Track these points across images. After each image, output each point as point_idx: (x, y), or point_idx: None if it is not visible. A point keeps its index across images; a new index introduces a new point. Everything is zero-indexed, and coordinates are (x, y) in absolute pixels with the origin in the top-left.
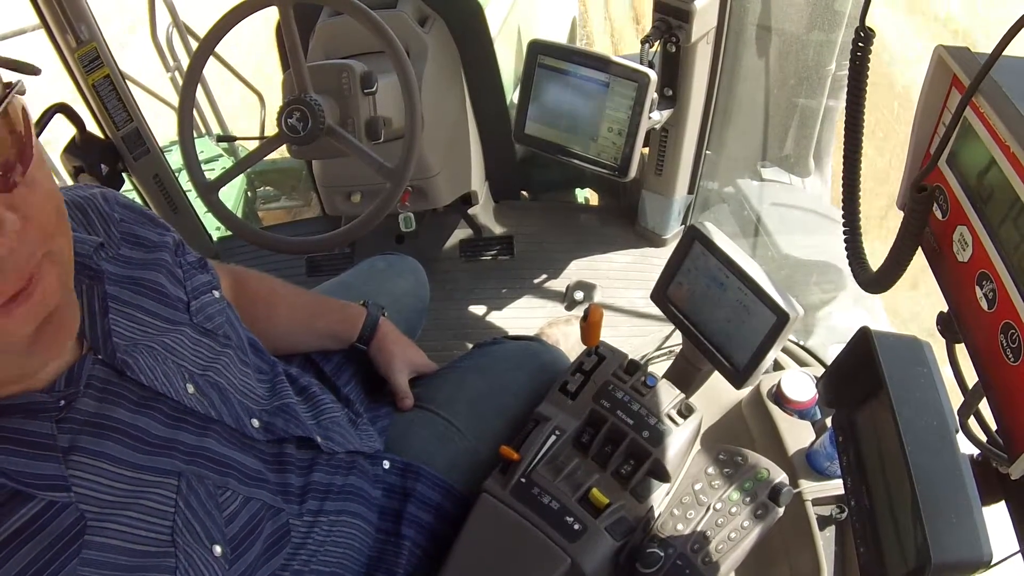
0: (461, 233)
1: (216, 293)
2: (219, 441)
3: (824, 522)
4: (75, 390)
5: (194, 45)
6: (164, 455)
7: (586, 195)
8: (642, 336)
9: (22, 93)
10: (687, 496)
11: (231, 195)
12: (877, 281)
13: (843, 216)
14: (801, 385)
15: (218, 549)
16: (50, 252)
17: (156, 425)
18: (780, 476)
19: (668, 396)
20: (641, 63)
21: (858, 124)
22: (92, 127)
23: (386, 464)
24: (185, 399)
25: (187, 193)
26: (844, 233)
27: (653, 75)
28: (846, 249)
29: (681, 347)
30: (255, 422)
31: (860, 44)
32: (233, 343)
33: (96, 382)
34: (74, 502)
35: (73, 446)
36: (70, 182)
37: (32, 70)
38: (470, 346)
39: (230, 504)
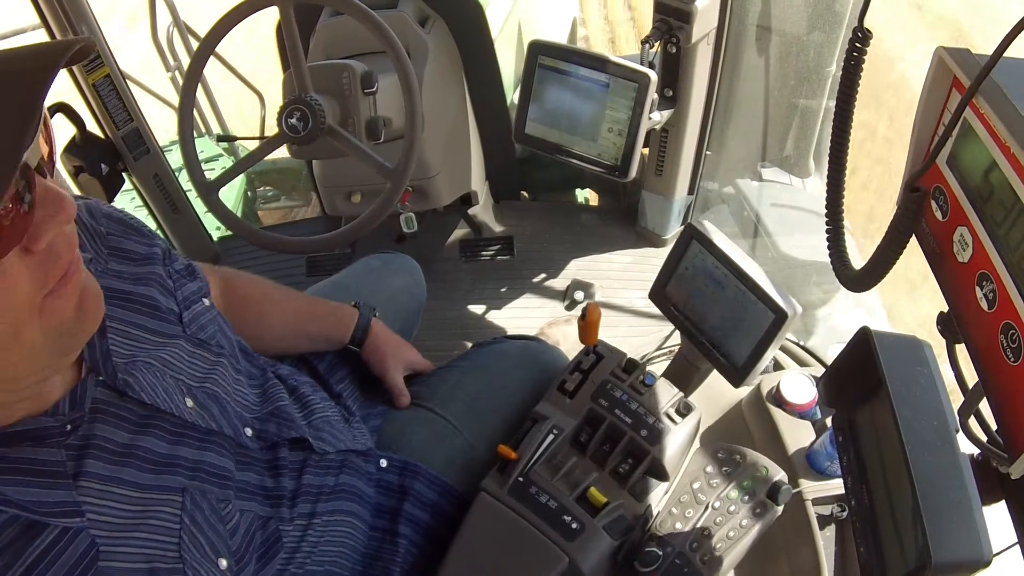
0: (461, 233)
1: (206, 301)
2: (218, 453)
3: (824, 521)
4: (80, 413)
5: (194, 45)
6: (168, 472)
7: (586, 195)
8: (641, 336)
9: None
10: (685, 495)
11: (231, 195)
12: (860, 279)
13: (826, 215)
14: (800, 388)
15: (224, 562)
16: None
17: (158, 443)
18: (779, 474)
19: (667, 395)
20: (641, 64)
21: (846, 123)
22: (92, 127)
23: (383, 462)
24: (186, 414)
25: (187, 193)
26: (827, 232)
27: (653, 76)
28: (828, 248)
29: (680, 346)
30: (248, 431)
31: (857, 44)
32: (226, 351)
33: (100, 404)
34: (86, 527)
35: (80, 471)
36: (70, 182)
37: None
38: (469, 345)
39: (232, 517)
